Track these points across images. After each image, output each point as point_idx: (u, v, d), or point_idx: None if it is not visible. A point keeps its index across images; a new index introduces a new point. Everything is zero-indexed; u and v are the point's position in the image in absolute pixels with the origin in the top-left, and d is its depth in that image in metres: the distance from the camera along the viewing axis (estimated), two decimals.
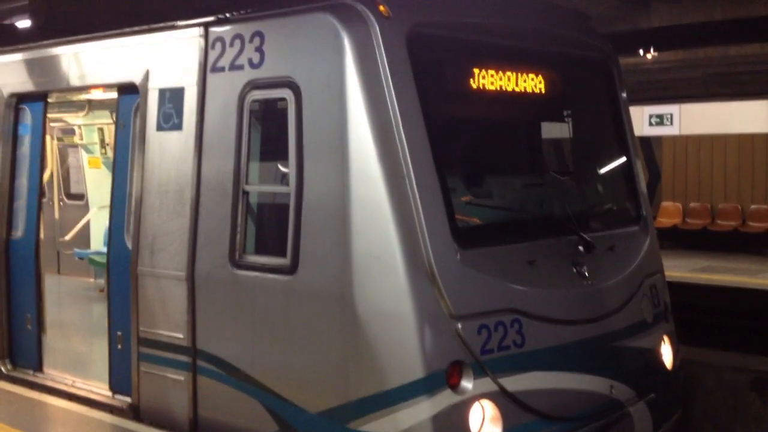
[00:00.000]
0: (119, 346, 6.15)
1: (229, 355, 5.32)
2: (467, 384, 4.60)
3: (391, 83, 4.72)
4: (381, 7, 4.82)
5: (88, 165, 11.51)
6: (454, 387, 4.57)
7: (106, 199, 6.81)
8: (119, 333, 6.18)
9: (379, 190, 4.63)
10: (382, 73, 4.73)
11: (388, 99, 4.71)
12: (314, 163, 4.91)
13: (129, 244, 6.09)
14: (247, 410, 5.20)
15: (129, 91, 6.17)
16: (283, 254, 5.03)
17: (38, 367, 6.84)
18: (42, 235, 6.97)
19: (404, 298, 4.56)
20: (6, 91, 7.08)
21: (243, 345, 5.25)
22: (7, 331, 7.06)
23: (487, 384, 4.66)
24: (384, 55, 4.74)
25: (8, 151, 7.10)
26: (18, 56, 7.10)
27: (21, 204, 7.02)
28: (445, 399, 4.50)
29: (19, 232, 6.99)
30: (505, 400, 4.71)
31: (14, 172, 7.10)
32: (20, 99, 7.06)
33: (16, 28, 17.21)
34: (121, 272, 6.10)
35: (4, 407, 6.07)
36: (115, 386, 6.19)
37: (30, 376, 6.82)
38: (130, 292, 5.92)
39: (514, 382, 4.77)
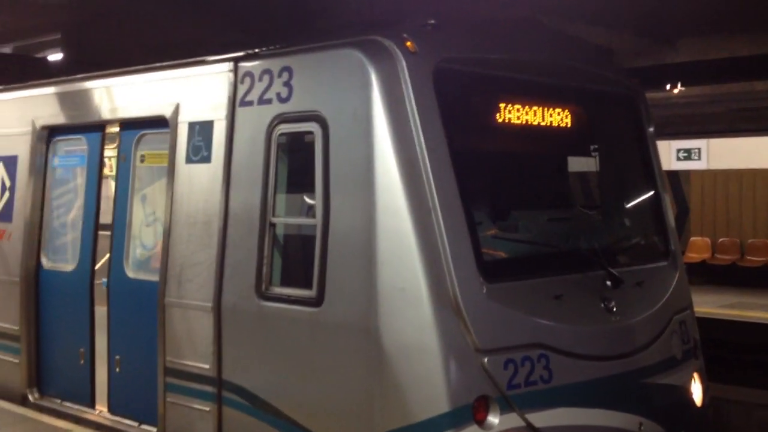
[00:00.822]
0: (117, 370, 6.37)
1: (254, 386, 5.33)
2: (493, 419, 4.56)
3: (417, 117, 4.77)
4: (408, 43, 4.88)
5: None
6: (481, 422, 4.53)
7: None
8: (117, 357, 6.37)
9: (405, 222, 4.65)
10: (408, 108, 4.78)
11: (414, 133, 4.76)
12: (341, 195, 4.95)
13: (128, 273, 6.39)
14: None
15: (135, 126, 6.45)
16: (308, 286, 5.05)
17: (91, 403, 6.74)
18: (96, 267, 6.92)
19: (429, 331, 4.55)
20: (38, 124, 7.21)
21: (269, 376, 5.26)
22: (36, 361, 7.14)
23: (514, 419, 4.62)
24: (411, 90, 4.79)
25: (39, 182, 7.22)
26: (51, 89, 7.25)
27: (74, 236, 7.03)
28: None
29: (71, 264, 6.96)
30: None
31: (45, 201, 7.20)
32: (52, 131, 7.20)
33: (47, 61, 17.60)
34: (120, 299, 6.36)
35: None
36: (114, 408, 6.41)
37: (57, 405, 6.86)
38: (133, 318, 6.15)
39: (541, 418, 4.72)
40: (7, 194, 7.46)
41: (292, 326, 5.15)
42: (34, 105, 7.34)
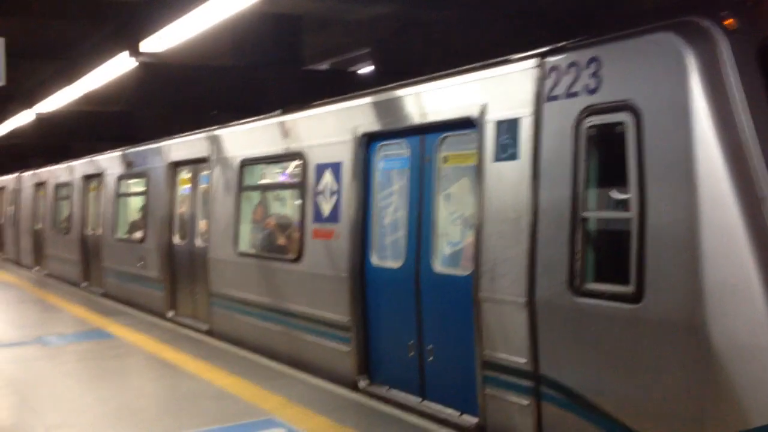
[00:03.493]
0: (430, 359, 6.67)
1: (572, 382, 5.31)
2: None
3: (741, 101, 4.45)
4: (727, 22, 4.56)
5: None
6: None
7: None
8: (429, 347, 6.70)
9: (732, 213, 4.35)
10: (731, 91, 4.48)
11: (738, 118, 4.44)
12: (657, 187, 4.76)
13: (436, 268, 6.71)
14: None
15: (436, 129, 6.70)
16: (626, 282, 4.92)
17: (422, 394, 6.95)
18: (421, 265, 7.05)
19: (764, 331, 4.22)
20: (359, 132, 7.72)
21: (586, 373, 5.21)
22: (365, 351, 7.67)
23: None
24: (732, 72, 4.49)
25: (362, 185, 7.69)
26: (367, 100, 7.79)
27: (399, 235, 7.32)
28: None
29: (398, 262, 7.23)
30: None
31: (370, 202, 7.65)
32: (371, 138, 7.68)
33: (357, 75, 18.95)
34: (429, 292, 6.73)
35: (362, 419, 6.63)
36: (430, 397, 6.70)
37: (384, 392, 7.36)
38: (442, 311, 6.45)
39: None
40: (335, 197, 8.03)
41: (609, 323, 5.05)
42: (354, 115, 7.87)
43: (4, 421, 7.07)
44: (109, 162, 15.54)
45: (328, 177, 8.15)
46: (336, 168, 8.03)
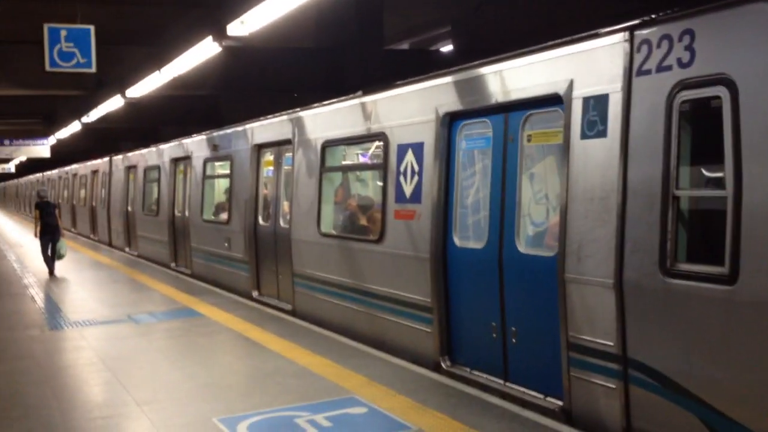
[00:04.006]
0: (514, 341, 6.63)
1: (662, 365, 5.16)
2: None
3: None
4: None
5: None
6: None
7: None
8: (513, 328, 6.64)
9: None
10: None
11: None
12: (756, 164, 4.54)
13: (520, 248, 6.60)
14: (684, 424, 4.99)
15: (521, 107, 6.52)
16: (720, 263, 4.73)
17: (505, 376, 6.90)
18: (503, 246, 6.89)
19: None
20: (441, 111, 7.62)
21: (677, 356, 5.05)
22: (447, 332, 7.63)
23: None
24: None
25: (444, 165, 7.62)
26: (449, 78, 7.68)
27: (482, 215, 7.17)
28: None
29: (481, 242, 7.09)
30: None
31: (452, 183, 7.56)
32: (453, 117, 7.58)
33: (439, 53, 18.81)
34: (513, 273, 6.66)
35: (444, 399, 6.60)
36: (513, 379, 6.63)
37: (467, 373, 7.33)
38: (526, 292, 6.38)
39: None
40: (416, 178, 7.95)
41: (702, 304, 4.87)
42: (436, 94, 7.81)
43: (97, 396, 7.34)
44: (196, 145, 15.81)
45: (409, 157, 8.10)
46: (418, 148, 7.97)
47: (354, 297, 9.27)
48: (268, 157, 12.45)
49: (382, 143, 8.72)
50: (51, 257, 16.20)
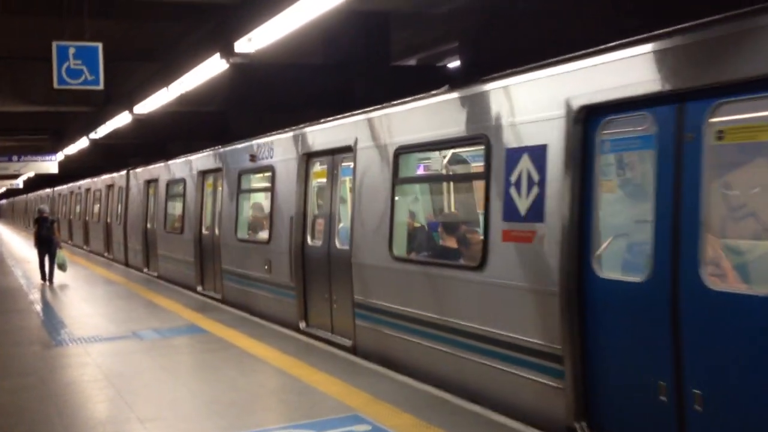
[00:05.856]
0: (697, 408, 5.04)
1: None
2: None
3: None
4: None
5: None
6: None
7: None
8: (696, 392, 5.03)
9: None
10: None
11: None
12: None
13: (707, 284, 4.95)
14: None
15: (706, 94, 5.02)
16: None
17: None
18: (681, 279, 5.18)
19: None
20: (575, 104, 6.02)
21: None
22: (583, 390, 5.92)
23: None
24: None
25: (578, 173, 6.02)
26: (587, 62, 6.03)
27: (640, 238, 5.74)
28: None
29: (644, 273, 5.44)
30: None
31: (591, 195, 5.95)
32: (593, 111, 5.96)
33: (446, 69, 18.83)
34: (699, 320, 5.01)
35: (448, 417, 6.51)
36: None
37: None
38: (722, 345, 4.85)
39: None
40: (535, 190, 6.38)
41: None
42: (566, 83, 6.13)
43: (101, 413, 7.29)
44: (229, 156, 14.11)
45: (525, 164, 6.52)
46: (538, 153, 6.36)
47: (440, 336, 7.70)
48: (320, 167, 10.78)
49: (482, 147, 7.15)
50: (50, 266, 18.03)
